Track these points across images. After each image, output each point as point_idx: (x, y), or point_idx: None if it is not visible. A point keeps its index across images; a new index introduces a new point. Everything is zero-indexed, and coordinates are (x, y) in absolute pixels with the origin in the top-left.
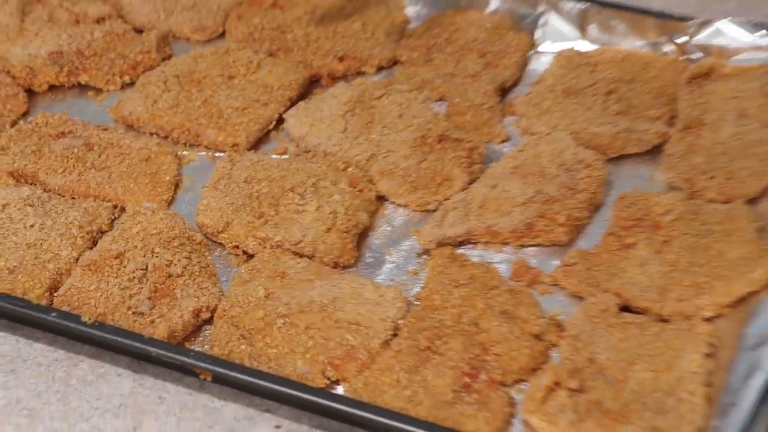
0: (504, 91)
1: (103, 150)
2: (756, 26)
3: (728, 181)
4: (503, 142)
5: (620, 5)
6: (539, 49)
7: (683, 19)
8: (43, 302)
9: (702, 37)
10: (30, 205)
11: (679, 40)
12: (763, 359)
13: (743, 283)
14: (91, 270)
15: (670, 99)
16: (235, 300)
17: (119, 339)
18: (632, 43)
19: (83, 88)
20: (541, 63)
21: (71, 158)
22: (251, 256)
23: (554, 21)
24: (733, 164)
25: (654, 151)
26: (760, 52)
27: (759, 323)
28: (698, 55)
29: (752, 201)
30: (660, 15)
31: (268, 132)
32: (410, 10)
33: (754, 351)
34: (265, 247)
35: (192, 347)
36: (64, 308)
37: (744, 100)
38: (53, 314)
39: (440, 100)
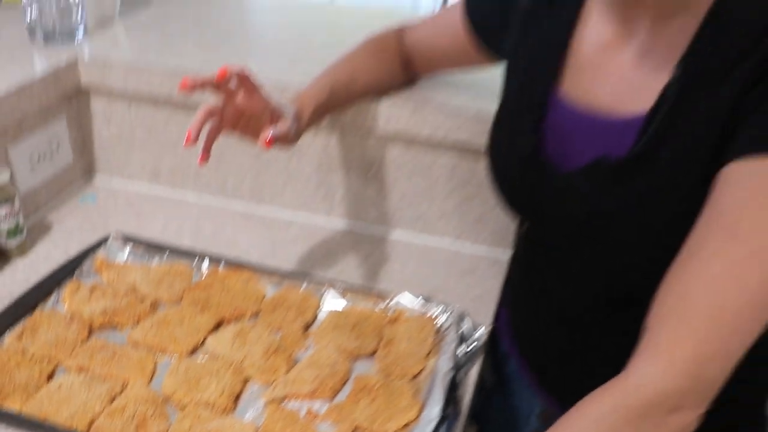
0: (307, 326)
1: (121, 355)
2: (416, 297)
3: (403, 368)
4: (305, 350)
5: (360, 287)
6: (323, 308)
7: (387, 293)
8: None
9: (394, 302)
10: (83, 384)
11: (384, 304)
12: None
13: (405, 417)
14: (108, 415)
15: (380, 331)
16: (178, 427)
17: None
18: (364, 305)
19: (116, 327)
20: (323, 315)
21: (107, 359)
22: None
23: (330, 294)
24: (406, 362)
25: (372, 355)
26: (416, 311)
27: None
28: (391, 311)
29: (414, 377)
30: (378, 292)
31: (196, 347)
32: (267, 290)
33: None
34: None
35: None
36: None
37: (411, 331)
38: None
39: (278, 331)
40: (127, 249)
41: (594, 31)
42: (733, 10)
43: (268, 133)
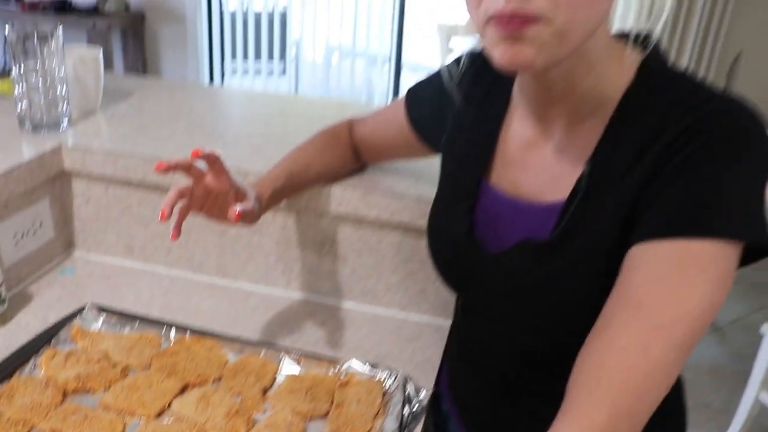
0: (265, 390)
1: (93, 418)
2: (365, 363)
3: (353, 428)
4: (264, 413)
5: (314, 354)
6: (280, 373)
7: (338, 359)
8: None
9: (345, 366)
10: None
11: (337, 369)
12: None
13: None
14: None
15: (332, 394)
16: None
17: None
18: (318, 370)
19: (89, 391)
20: (280, 379)
21: (79, 422)
22: None
23: (287, 360)
24: (356, 422)
25: (325, 416)
26: (365, 375)
27: None
28: (342, 376)
29: None
30: (330, 358)
31: (163, 410)
32: (229, 357)
33: None
34: None
35: None
36: None
37: (360, 394)
38: None
39: (238, 395)
40: (101, 318)
41: (518, 130)
42: (635, 111)
43: (236, 208)
